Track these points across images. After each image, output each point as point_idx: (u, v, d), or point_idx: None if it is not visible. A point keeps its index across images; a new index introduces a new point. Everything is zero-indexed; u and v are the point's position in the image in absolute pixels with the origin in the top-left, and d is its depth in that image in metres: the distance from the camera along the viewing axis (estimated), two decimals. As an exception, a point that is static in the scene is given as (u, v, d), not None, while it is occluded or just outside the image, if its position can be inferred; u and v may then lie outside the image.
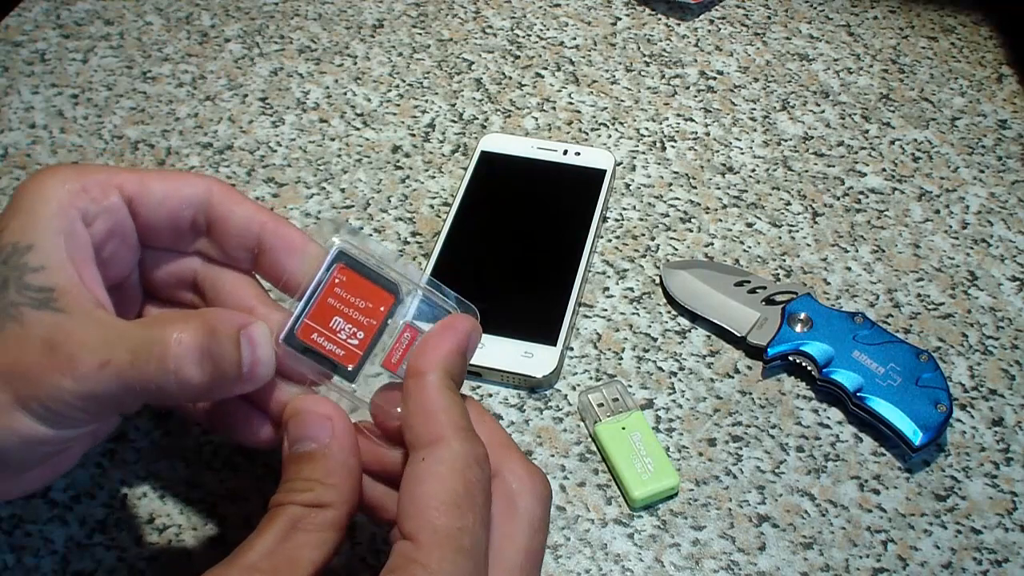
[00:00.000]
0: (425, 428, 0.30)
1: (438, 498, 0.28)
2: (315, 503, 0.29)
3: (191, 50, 0.62)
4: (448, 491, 0.28)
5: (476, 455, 0.29)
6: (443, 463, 0.29)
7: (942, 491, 0.42)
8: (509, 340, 0.45)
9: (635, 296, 0.49)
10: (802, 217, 0.53)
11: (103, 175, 0.33)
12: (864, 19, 0.65)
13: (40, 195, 0.32)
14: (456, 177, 0.54)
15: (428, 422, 0.30)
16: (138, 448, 0.42)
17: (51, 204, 0.31)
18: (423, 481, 0.29)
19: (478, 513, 0.29)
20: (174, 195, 0.34)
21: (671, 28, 0.64)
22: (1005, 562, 0.40)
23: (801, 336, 0.45)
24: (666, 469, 0.41)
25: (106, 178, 0.33)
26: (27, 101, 0.58)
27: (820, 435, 0.44)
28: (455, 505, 0.28)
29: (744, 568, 0.39)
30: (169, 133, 0.57)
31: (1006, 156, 0.56)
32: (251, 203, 0.35)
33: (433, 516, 0.28)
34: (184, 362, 0.30)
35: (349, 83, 0.60)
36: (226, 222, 0.34)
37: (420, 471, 0.29)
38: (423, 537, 0.28)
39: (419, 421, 0.30)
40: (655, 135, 0.57)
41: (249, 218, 0.34)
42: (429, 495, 0.28)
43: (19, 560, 0.39)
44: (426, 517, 0.28)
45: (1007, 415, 0.45)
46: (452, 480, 0.28)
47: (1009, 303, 0.49)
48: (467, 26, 0.64)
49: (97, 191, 0.33)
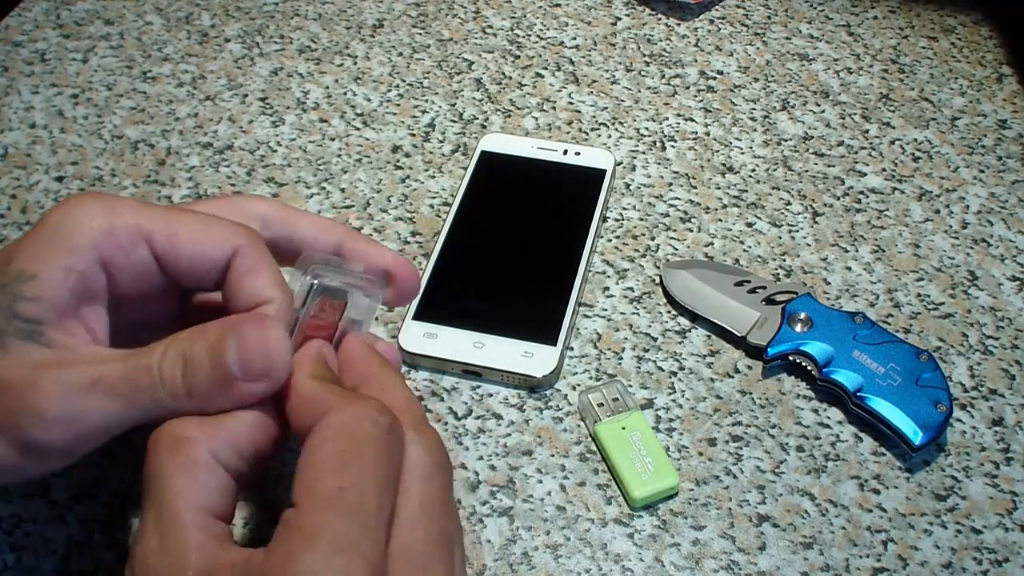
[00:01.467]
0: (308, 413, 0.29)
1: (321, 461, 0.27)
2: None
3: (191, 50, 0.62)
4: (332, 451, 0.27)
5: (367, 412, 0.28)
6: (329, 427, 0.28)
7: (942, 491, 0.42)
8: (509, 340, 0.45)
9: (635, 296, 0.49)
10: (802, 217, 0.53)
11: (133, 220, 0.32)
12: (864, 19, 0.65)
13: (63, 227, 0.31)
14: (456, 177, 0.54)
15: (309, 407, 0.29)
16: (138, 448, 0.42)
17: (71, 239, 0.31)
18: (310, 449, 0.28)
19: (369, 467, 0.27)
20: (200, 258, 0.32)
21: (671, 28, 0.64)
22: (1005, 562, 0.40)
23: (801, 336, 0.45)
24: (666, 469, 0.41)
25: (136, 224, 0.32)
26: (27, 101, 0.58)
27: (820, 435, 0.44)
28: (338, 464, 0.27)
29: (744, 568, 0.39)
30: (169, 133, 0.57)
31: (1006, 156, 0.56)
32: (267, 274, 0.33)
33: (313, 479, 0.27)
34: (170, 369, 0.29)
35: (349, 83, 0.60)
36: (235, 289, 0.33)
37: (307, 447, 0.28)
38: (304, 502, 0.27)
39: (302, 411, 0.29)
40: (655, 135, 0.57)
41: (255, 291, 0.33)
42: (313, 460, 0.27)
43: (19, 560, 0.39)
44: (308, 481, 0.27)
45: (1007, 415, 0.45)
46: (337, 440, 0.27)
47: (1009, 303, 0.49)
48: (467, 26, 0.64)
49: (125, 238, 0.32)
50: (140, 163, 0.55)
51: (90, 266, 0.31)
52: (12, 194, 0.53)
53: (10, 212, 0.52)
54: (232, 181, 0.54)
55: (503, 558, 0.39)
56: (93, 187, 0.53)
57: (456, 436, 0.43)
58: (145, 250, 0.32)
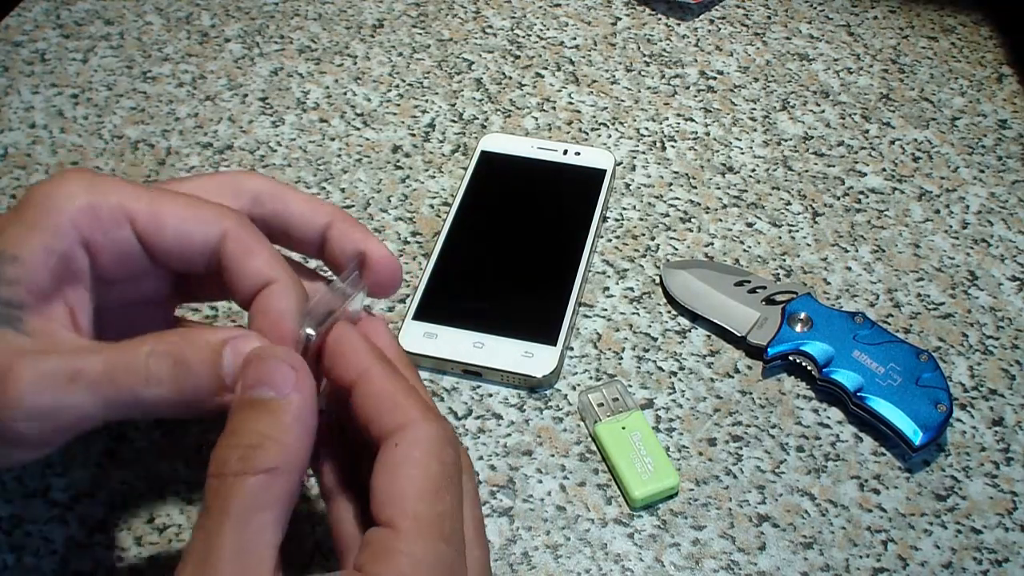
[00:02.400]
0: (391, 415, 0.29)
1: (417, 483, 0.27)
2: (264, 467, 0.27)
3: (191, 50, 0.62)
4: (426, 475, 0.28)
5: (448, 435, 0.29)
6: (418, 446, 0.28)
7: (942, 491, 0.42)
8: (509, 340, 0.45)
9: (635, 296, 0.49)
10: (802, 217, 0.53)
11: (115, 198, 0.31)
12: (864, 19, 0.65)
13: (45, 206, 0.30)
14: (456, 177, 0.54)
15: (393, 409, 0.29)
16: (138, 448, 0.42)
17: (51, 218, 0.30)
18: (400, 466, 0.28)
19: (454, 494, 0.28)
20: (186, 241, 0.32)
21: (671, 28, 0.64)
22: (1005, 562, 0.40)
23: (801, 336, 0.45)
24: (666, 469, 0.41)
25: (118, 203, 0.31)
26: (27, 101, 0.58)
27: (820, 435, 0.44)
28: (434, 490, 0.27)
29: (744, 568, 0.39)
30: (169, 133, 0.57)
31: (1006, 156, 0.56)
32: (265, 253, 0.32)
33: (413, 502, 0.27)
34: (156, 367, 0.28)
35: (349, 83, 0.60)
36: (236, 273, 0.32)
37: (396, 456, 0.28)
38: (405, 524, 0.27)
39: (384, 409, 0.29)
40: (655, 135, 0.57)
41: (258, 272, 0.32)
42: (407, 480, 0.27)
43: (19, 560, 0.39)
44: (406, 504, 0.27)
45: (1007, 415, 0.45)
46: (428, 463, 0.28)
47: (1009, 303, 0.49)
48: (467, 26, 0.64)
49: (108, 218, 0.31)
50: (140, 163, 0.55)
51: (71, 247, 0.30)
52: (12, 194, 0.53)
53: (10, 212, 0.52)
54: (232, 181, 0.54)
55: (503, 558, 0.39)
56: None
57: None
58: (128, 231, 0.31)
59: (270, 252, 0.33)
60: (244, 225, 0.33)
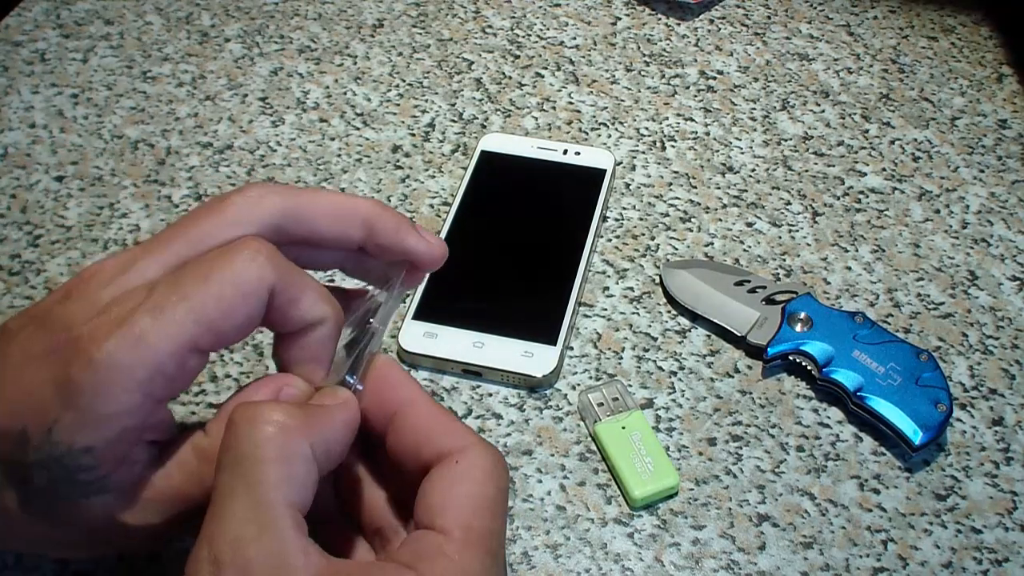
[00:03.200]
0: (448, 437, 0.31)
1: (475, 500, 0.30)
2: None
3: (191, 50, 0.62)
4: (483, 494, 0.30)
5: (502, 462, 0.31)
6: (478, 467, 0.30)
7: (942, 491, 0.42)
8: (509, 340, 0.45)
9: (635, 296, 0.49)
10: (802, 217, 0.53)
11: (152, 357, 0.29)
12: (864, 19, 0.65)
13: (99, 393, 0.28)
14: (456, 177, 0.54)
15: (448, 432, 0.31)
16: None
17: (108, 406, 0.28)
18: (460, 482, 0.30)
19: (503, 518, 0.30)
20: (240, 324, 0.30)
21: (671, 28, 0.64)
22: (1005, 562, 0.40)
23: (801, 336, 0.45)
24: (666, 469, 0.41)
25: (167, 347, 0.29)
26: (27, 101, 0.58)
27: (820, 435, 0.44)
28: (489, 509, 0.30)
29: (744, 568, 0.39)
30: (169, 133, 0.57)
31: (1006, 156, 0.56)
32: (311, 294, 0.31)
33: (468, 516, 0.29)
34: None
35: (349, 83, 0.60)
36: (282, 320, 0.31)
37: (455, 472, 0.30)
38: (458, 534, 0.29)
39: (437, 432, 0.31)
40: (655, 135, 0.57)
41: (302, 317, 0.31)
42: (466, 496, 0.30)
43: (19, 560, 0.39)
44: (463, 516, 0.29)
45: (1007, 415, 0.45)
46: (487, 484, 0.30)
47: (1009, 303, 0.49)
48: (467, 26, 0.64)
49: (169, 367, 0.29)
50: (140, 163, 0.55)
51: (141, 420, 0.29)
52: (12, 194, 0.53)
53: (10, 212, 0.52)
54: (232, 181, 0.54)
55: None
56: (93, 187, 0.53)
57: (456, 436, 0.43)
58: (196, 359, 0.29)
59: (311, 295, 0.31)
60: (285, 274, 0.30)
